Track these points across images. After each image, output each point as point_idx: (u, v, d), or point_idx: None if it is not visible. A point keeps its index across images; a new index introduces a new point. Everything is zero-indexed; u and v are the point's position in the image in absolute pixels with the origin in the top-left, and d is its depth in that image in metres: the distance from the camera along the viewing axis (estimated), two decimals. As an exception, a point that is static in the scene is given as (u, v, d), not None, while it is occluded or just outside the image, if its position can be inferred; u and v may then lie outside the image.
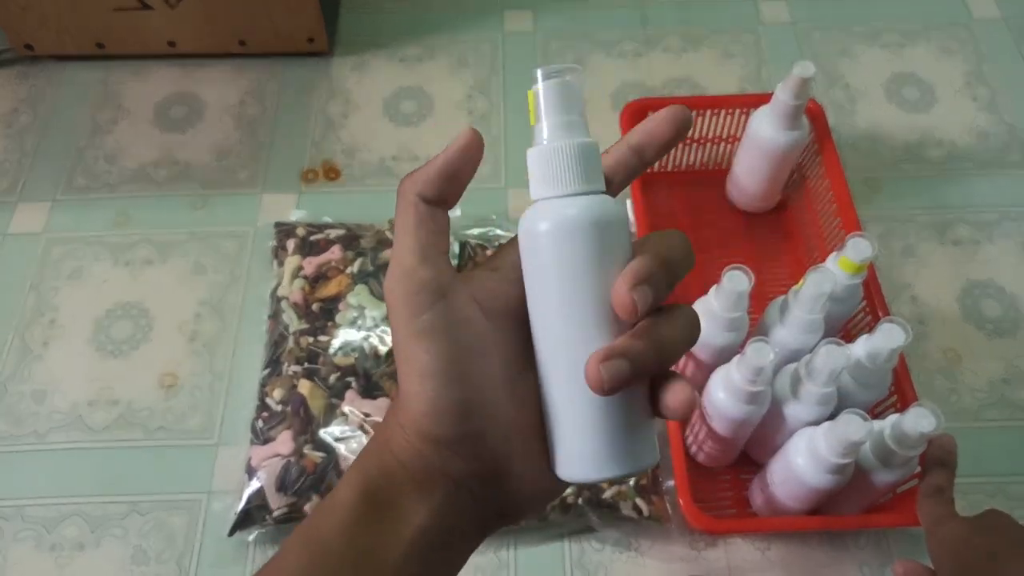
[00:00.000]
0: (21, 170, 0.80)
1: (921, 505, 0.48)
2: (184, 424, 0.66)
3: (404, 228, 0.30)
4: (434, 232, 0.31)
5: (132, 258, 0.74)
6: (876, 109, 0.84)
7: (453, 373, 0.27)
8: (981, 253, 0.74)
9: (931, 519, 0.47)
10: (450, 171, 0.32)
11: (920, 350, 0.69)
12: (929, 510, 0.48)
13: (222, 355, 0.69)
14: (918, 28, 0.90)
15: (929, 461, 0.50)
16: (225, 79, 0.86)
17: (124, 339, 0.70)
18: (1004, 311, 0.71)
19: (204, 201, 0.78)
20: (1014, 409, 0.66)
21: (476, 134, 0.31)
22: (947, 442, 0.50)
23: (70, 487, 0.63)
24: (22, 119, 0.84)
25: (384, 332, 0.64)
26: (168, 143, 0.82)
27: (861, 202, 0.76)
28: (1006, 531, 0.45)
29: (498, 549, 0.61)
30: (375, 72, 0.87)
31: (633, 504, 0.58)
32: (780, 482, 0.55)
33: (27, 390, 0.68)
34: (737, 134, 0.74)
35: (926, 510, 0.48)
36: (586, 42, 0.89)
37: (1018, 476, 0.63)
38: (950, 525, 0.46)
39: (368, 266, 0.67)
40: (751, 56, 0.88)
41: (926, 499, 0.48)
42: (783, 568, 0.60)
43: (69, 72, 0.87)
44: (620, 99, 0.84)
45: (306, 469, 0.59)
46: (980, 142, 0.81)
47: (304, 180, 0.79)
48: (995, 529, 0.45)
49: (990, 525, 0.45)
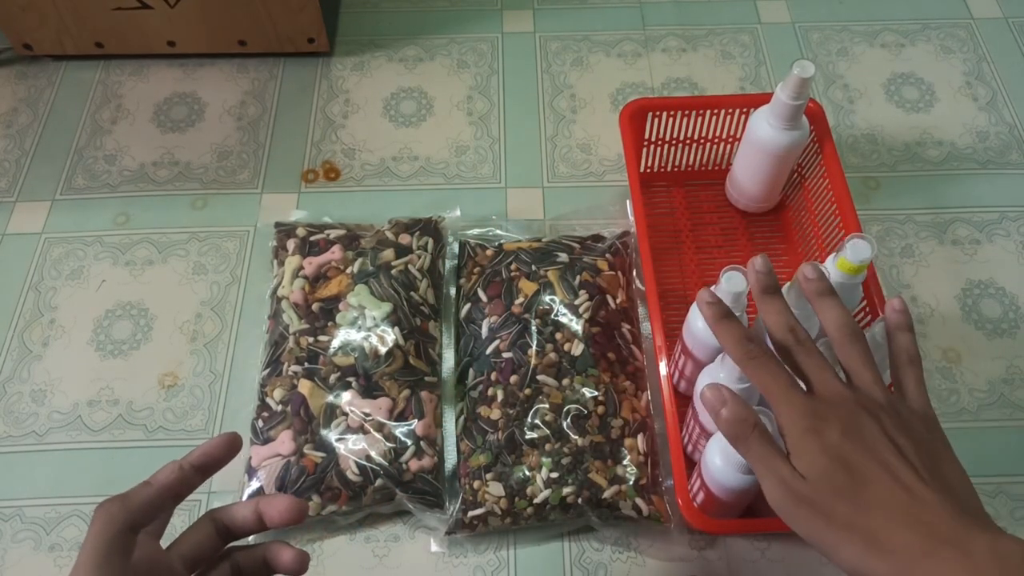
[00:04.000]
0: (20, 170, 0.80)
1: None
2: (184, 424, 0.66)
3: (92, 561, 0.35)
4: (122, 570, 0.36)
5: (132, 258, 0.74)
6: (875, 109, 0.84)
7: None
8: (981, 253, 0.74)
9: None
10: (167, 498, 0.39)
11: (920, 350, 0.69)
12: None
13: (222, 355, 0.69)
14: (918, 27, 0.90)
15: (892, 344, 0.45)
16: (225, 79, 0.86)
17: (124, 339, 0.70)
18: (1004, 311, 0.71)
19: (204, 201, 0.78)
20: (1014, 409, 0.66)
21: (180, 469, 0.40)
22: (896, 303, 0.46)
23: (69, 488, 0.63)
24: (21, 119, 0.84)
25: (384, 332, 0.64)
26: (168, 143, 0.82)
27: (860, 202, 0.76)
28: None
29: (497, 548, 0.61)
30: (375, 72, 0.87)
31: (632, 504, 0.58)
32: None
33: (26, 390, 0.68)
34: (736, 134, 0.74)
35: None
36: (585, 42, 0.89)
37: (1019, 476, 0.63)
38: None
39: (368, 266, 0.67)
40: (750, 56, 0.88)
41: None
42: (783, 568, 0.60)
43: (68, 72, 0.87)
44: (620, 99, 0.85)
45: (306, 469, 0.59)
46: (980, 142, 0.81)
47: (304, 180, 0.79)
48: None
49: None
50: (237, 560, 0.42)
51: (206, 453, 0.42)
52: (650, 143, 0.74)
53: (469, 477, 0.60)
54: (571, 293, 0.66)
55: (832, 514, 0.38)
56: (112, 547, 0.35)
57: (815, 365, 0.42)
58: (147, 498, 0.37)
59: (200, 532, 0.42)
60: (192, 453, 0.42)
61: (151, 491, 0.37)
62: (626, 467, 0.59)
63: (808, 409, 0.40)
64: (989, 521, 0.38)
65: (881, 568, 0.37)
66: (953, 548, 0.35)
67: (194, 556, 0.41)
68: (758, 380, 0.42)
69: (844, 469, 0.38)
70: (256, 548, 0.43)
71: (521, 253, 0.69)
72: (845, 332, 0.43)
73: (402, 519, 0.62)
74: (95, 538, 0.35)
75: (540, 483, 0.58)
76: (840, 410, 0.40)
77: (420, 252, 0.69)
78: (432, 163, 0.80)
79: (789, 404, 0.40)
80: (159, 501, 0.37)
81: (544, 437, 0.60)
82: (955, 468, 0.40)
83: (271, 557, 0.42)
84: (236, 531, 0.42)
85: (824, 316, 0.44)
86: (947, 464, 0.40)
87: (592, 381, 0.62)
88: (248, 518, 0.42)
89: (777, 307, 0.44)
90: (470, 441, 0.62)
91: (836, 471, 0.38)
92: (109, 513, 0.35)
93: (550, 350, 0.63)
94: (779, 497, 0.39)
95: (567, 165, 0.80)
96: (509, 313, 0.65)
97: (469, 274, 0.69)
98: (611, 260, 0.69)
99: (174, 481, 0.38)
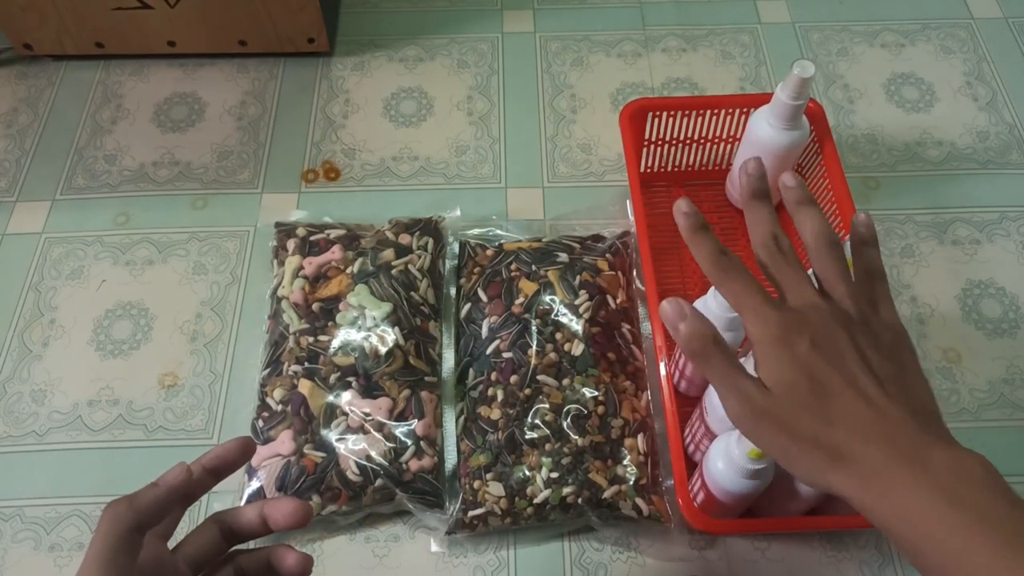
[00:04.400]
0: (20, 170, 0.80)
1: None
2: (184, 424, 0.66)
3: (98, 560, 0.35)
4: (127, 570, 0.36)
5: (132, 258, 0.74)
6: (876, 109, 0.84)
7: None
8: (981, 253, 0.74)
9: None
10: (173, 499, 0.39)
11: (920, 350, 0.69)
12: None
13: (222, 355, 0.69)
14: (918, 27, 0.90)
15: (853, 242, 0.44)
16: (225, 79, 0.86)
17: (124, 339, 0.70)
18: (1004, 311, 0.71)
19: (204, 201, 0.78)
20: (1014, 409, 0.66)
21: (188, 471, 0.40)
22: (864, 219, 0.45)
23: (69, 487, 0.63)
24: (21, 119, 0.84)
25: (384, 332, 0.64)
26: (168, 143, 0.82)
27: (860, 202, 0.76)
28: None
29: (498, 548, 0.61)
30: (375, 72, 0.87)
31: (632, 504, 0.58)
32: (710, 485, 0.55)
33: (26, 390, 0.68)
34: (736, 134, 0.74)
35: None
36: (586, 42, 0.89)
37: (1019, 476, 0.63)
38: None
39: (368, 266, 0.67)
40: (750, 56, 0.88)
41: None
42: (783, 567, 0.60)
43: (68, 72, 0.87)
44: (620, 99, 0.85)
45: (306, 469, 0.59)
46: (980, 142, 0.81)
47: (304, 180, 0.79)
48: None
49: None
50: (240, 563, 0.42)
51: (219, 456, 0.42)
52: (650, 143, 0.74)
53: (469, 477, 0.60)
54: (571, 293, 0.66)
55: (795, 427, 0.38)
56: (118, 547, 0.35)
57: (792, 276, 0.41)
58: (154, 499, 0.37)
59: (205, 535, 0.42)
60: (205, 455, 0.42)
61: (158, 492, 0.37)
62: (626, 467, 0.59)
63: (779, 320, 0.40)
64: (950, 437, 0.38)
65: (840, 480, 0.37)
66: (911, 461, 0.36)
67: (198, 558, 0.41)
68: (730, 292, 0.41)
69: (810, 381, 0.38)
70: (260, 551, 0.43)
71: (521, 253, 0.69)
72: (823, 241, 0.42)
73: (402, 519, 0.62)
74: (102, 538, 0.35)
75: (540, 483, 0.58)
76: (812, 322, 0.39)
77: (420, 252, 0.69)
78: (432, 163, 0.80)
79: (760, 315, 0.40)
80: (166, 502, 0.37)
81: (544, 437, 0.60)
82: (921, 384, 0.40)
83: (275, 560, 0.42)
84: (241, 534, 0.42)
85: (803, 225, 0.43)
86: (913, 380, 0.40)
87: (592, 381, 0.62)
88: (253, 521, 0.42)
89: (763, 214, 0.43)
90: (470, 441, 0.62)
91: (802, 383, 0.38)
92: (116, 513, 0.36)
93: (550, 350, 0.63)
94: (741, 412, 0.39)
95: (567, 165, 0.80)
96: (509, 313, 0.65)
97: (469, 274, 0.69)
98: (611, 260, 0.69)
99: (182, 482, 0.38)
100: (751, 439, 0.40)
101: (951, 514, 0.34)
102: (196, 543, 0.41)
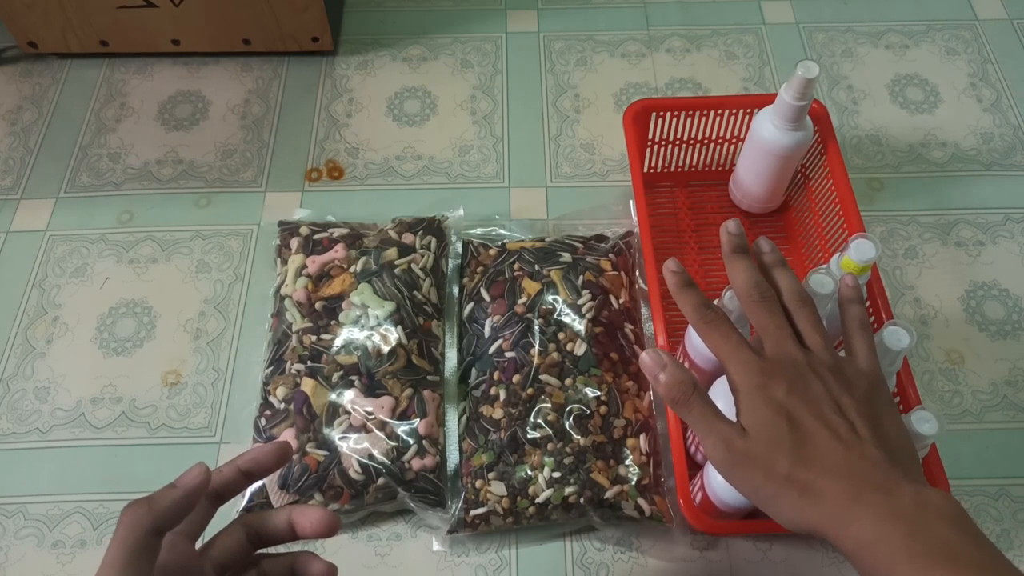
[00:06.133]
0: (25, 167, 0.80)
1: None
2: (187, 422, 0.66)
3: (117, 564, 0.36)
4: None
5: (136, 256, 0.75)
6: (880, 110, 0.84)
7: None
8: (985, 254, 0.74)
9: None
10: (193, 500, 0.38)
11: (923, 351, 0.69)
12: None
13: (225, 353, 0.69)
14: (922, 28, 0.90)
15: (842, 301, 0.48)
16: (229, 78, 0.86)
17: (127, 337, 0.70)
18: (1007, 313, 0.71)
19: (208, 199, 0.78)
20: (1017, 411, 0.66)
21: (207, 472, 0.39)
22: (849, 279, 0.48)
23: (72, 485, 0.63)
24: (26, 116, 0.84)
25: (387, 331, 0.64)
26: (172, 141, 0.82)
27: (864, 203, 0.76)
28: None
29: (499, 548, 0.61)
30: (379, 71, 0.87)
31: (634, 504, 0.58)
32: (710, 495, 0.54)
33: (30, 387, 0.68)
34: (740, 135, 0.74)
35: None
36: (589, 42, 0.89)
37: (1021, 478, 0.63)
38: None
39: (371, 265, 0.67)
40: (754, 56, 0.88)
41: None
42: (785, 568, 0.60)
43: (73, 70, 0.87)
44: (623, 99, 0.85)
45: (309, 467, 0.59)
46: (984, 143, 0.81)
47: (308, 179, 0.79)
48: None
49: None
50: (264, 568, 0.42)
51: (255, 459, 0.42)
52: (654, 143, 0.74)
53: (471, 476, 0.60)
54: (574, 293, 0.66)
55: (771, 468, 0.40)
56: (137, 550, 0.35)
57: (773, 324, 0.44)
58: (172, 501, 0.37)
59: (232, 537, 0.42)
60: (241, 457, 0.42)
61: (176, 494, 0.37)
62: (628, 467, 0.59)
63: (757, 367, 0.42)
64: (920, 476, 0.41)
65: (813, 515, 0.39)
66: (879, 495, 0.38)
67: (223, 561, 0.41)
68: (711, 342, 0.44)
69: (787, 423, 0.40)
70: (284, 556, 0.43)
71: (524, 253, 0.69)
72: (796, 298, 0.45)
73: (404, 518, 0.62)
74: (121, 541, 0.35)
75: (542, 482, 0.58)
76: (788, 369, 0.42)
77: (423, 251, 0.69)
78: (435, 162, 0.80)
79: (740, 362, 0.42)
80: (185, 504, 0.37)
81: (546, 437, 0.60)
82: (896, 426, 0.42)
83: (299, 567, 0.42)
84: (267, 538, 0.42)
85: (778, 284, 0.46)
86: (888, 422, 0.42)
87: (595, 381, 0.62)
88: (280, 527, 0.42)
89: (744, 265, 0.46)
90: (472, 440, 0.62)
91: (779, 425, 0.40)
92: (135, 516, 0.36)
93: (553, 350, 0.63)
94: (720, 456, 0.41)
95: (570, 165, 0.80)
96: (512, 312, 0.65)
97: (472, 273, 0.69)
98: (614, 260, 0.69)
99: (200, 483, 0.38)
100: (730, 481, 0.42)
101: (913, 544, 0.36)
102: (222, 546, 0.42)
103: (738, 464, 0.41)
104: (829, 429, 0.40)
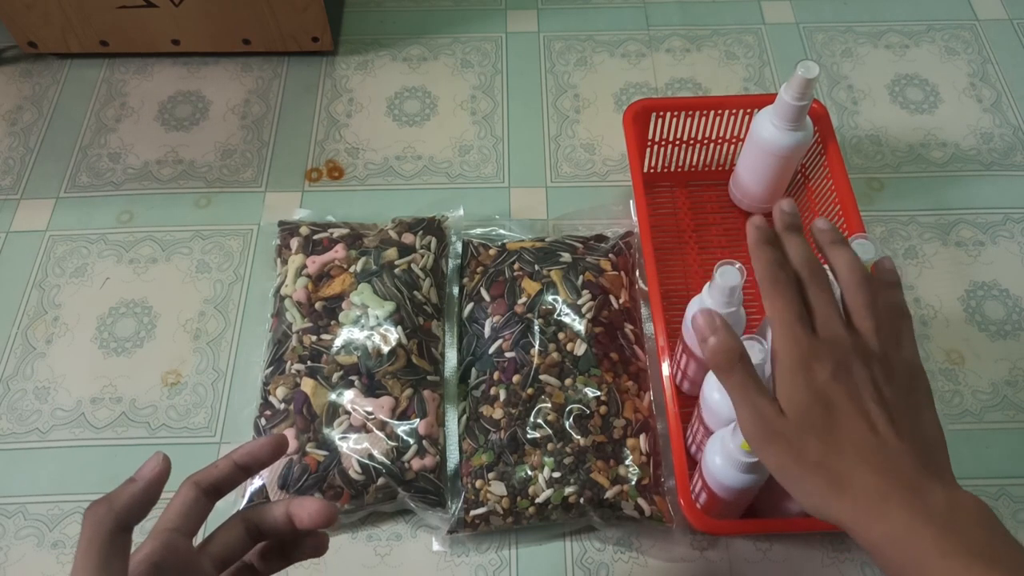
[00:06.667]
0: (25, 167, 0.80)
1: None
2: (187, 422, 0.66)
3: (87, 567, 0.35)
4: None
5: (136, 256, 0.75)
6: (879, 110, 0.84)
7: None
8: (985, 255, 0.74)
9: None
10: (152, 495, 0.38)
11: (923, 351, 0.69)
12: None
13: (225, 353, 0.69)
14: (922, 28, 0.90)
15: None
16: (229, 78, 0.86)
17: (127, 337, 0.70)
18: (1008, 313, 0.71)
19: (208, 199, 0.78)
20: (1017, 411, 0.66)
21: (165, 460, 0.39)
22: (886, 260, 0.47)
23: (72, 485, 0.63)
24: (26, 116, 0.84)
25: (387, 331, 0.64)
26: (172, 141, 0.82)
27: (864, 203, 0.76)
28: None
29: (499, 548, 0.61)
30: (379, 71, 0.87)
31: (635, 504, 0.58)
32: (708, 480, 0.54)
33: (30, 387, 0.68)
34: (740, 135, 0.74)
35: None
36: (589, 42, 0.89)
37: (1021, 478, 0.63)
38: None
39: (371, 265, 0.67)
40: (754, 57, 0.88)
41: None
42: (785, 568, 0.60)
43: (73, 70, 0.87)
44: (623, 99, 0.85)
45: (309, 467, 0.59)
46: (984, 143, 0.81)
47: (308, 179, 0.79)
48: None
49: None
50: (253, 519, 0.42)
51: (250, 453, 0.42)
52: (654, 143, 0.74)
53: (471, 476, 0.60)
54: (574, 293, 0.66)
55: (803, 450, 0.39)
56: (104, 551, 0.35)
57: (824, 303, 0.43)
58: (132, 496, 0.36)
59: (231, 532, 0.42)
60: (236, 451, 0.42)
61: (136, 487, 0.36)
62: (628, 467, 0.59)
63: (806, 344, 0.41)
64: (952, 478, 0.40)
65: (838, 506, 0.38)
66: (911, 493, 0.37)
67: (224, 557, 0.41)
68: (772, 304, 0.42)
69: (825, 408, 0.40)
70: (279, 504, 0.42)
71: (524, 253, 0.69)
72: (857, 276, 0.43)
73: (404, 518, 0.62)
74: (86, 544, 0.35)
75: (542, 483, 0.58)
76: (835, 352, 0.41)
77: (423, 251, 0.69)
78: (435, 162, 0.80)
79: (790, 334, 0.41)
80: (145, 496, 0.37)
81: (546, 437, 0.60)
82: (932, 424, 0.41)
83: (293, 509, 0.42)
84: (266, 532, 0.42)
85: (836, 262, 0.45)
86: (926, 419, 0.41)
87: (594, 381, 0.62)
88: (279, 519, 0.42)
89: (798, 242, 0.45)
90: (472, 440, 0.62)
91: (816, 409, 0.40)
92: (97, 516, 0.35)
93: (553, 350, 0.63)
94: (754, 429, 0.41)
95: (570, 165, 0.80)
96: (512, 313, 0.65)
97: (472, 273, 0.69)
98: (614, 260, 0.69)
99: (159, 474, 0.37)
100: (759, 456, 0.41)
101: (946, 543, 0.35)
102: (222, 541, 0.41)
103: (770, 441, 0.40)
104: (867, 420, 0.39)
